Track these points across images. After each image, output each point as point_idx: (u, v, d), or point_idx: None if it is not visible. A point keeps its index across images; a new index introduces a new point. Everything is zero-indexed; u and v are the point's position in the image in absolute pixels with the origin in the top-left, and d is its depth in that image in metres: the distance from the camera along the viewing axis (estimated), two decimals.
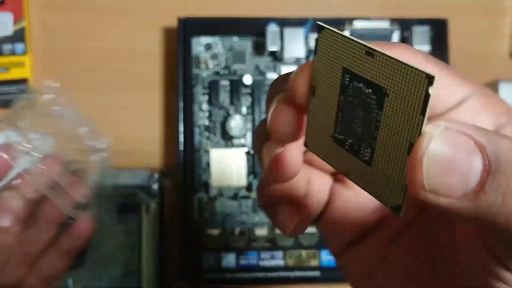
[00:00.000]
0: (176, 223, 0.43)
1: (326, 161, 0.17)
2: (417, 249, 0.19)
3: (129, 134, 0.46)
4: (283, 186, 0.20)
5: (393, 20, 0.43)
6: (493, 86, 0.43)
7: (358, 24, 0.42)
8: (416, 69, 0.13)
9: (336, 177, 0.21)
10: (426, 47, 0.43)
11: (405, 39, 0.44)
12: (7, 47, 0.45)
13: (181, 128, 0.43)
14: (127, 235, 0.42)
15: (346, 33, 0.41)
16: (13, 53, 0.45)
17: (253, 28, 0.44)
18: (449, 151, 0.13)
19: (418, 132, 0.14)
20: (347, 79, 0.15)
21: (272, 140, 0.18)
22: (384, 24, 0.42)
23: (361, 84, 0.15)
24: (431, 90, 0.13)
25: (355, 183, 0.16)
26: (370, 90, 0.14)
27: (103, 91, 0.46)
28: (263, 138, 0.19)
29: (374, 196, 0.15)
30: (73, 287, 0.43)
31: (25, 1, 0.45)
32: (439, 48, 0.44)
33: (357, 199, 0.20)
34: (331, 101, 0.16)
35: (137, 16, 0.47)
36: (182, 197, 0.43)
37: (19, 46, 0.45)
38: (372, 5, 0.47)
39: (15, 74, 0.45)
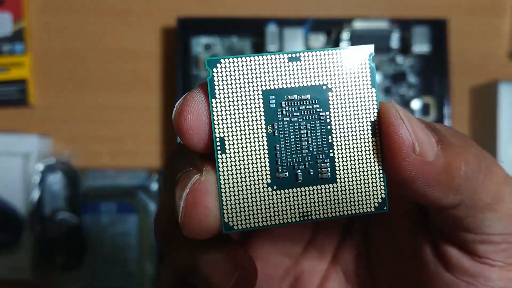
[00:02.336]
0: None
1: (269, 226, 0.14)
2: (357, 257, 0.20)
3: (128, 134, 0.46)
4: None
5: (393, 20, 0.43)
6: (492, 87, 0.43)
7: (357, 24, 0.42)
8: (352, 48, 0.13)
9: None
10: (426, 47, 0.43)
11: (405, 39, 0.44)
12: (6, 47, 0.45)
13: None
14: (126, 236, 0.42)
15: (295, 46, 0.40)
16: (12, 53, 0.45)
17: (252, 28, 0.44)
18: (415, 118, 0.14)
19: (375, 106, 0.14)
20: (272, 101, 0.14)
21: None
22: (384, 24, 0.42)
23: (295, 96, 0.14)
24: (372, 61, 0.13)
25: (319, 220, 0.14)
26: (308, 96, 0.14)
27: (102, 91, 0.46)
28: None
29: (350, 214, 0.14)
30: (73, 287, 0.43)
31: (25, 1, 0.45)
32: (439, 48, 0.44)
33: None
34: (256, 141, 0.14)
35: (137, 16, 0.47)
36: None
37: (18, 46, 0.45)
38: (372, 5, 0.47)
39: (14, 74, 0.45)
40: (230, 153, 0.14)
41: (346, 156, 0.14)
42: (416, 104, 0.44)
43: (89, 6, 0.47)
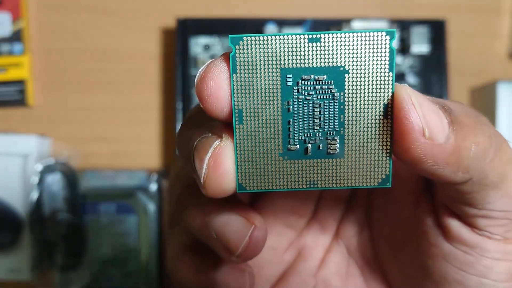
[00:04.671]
0: None
1: (278, 190, 0.15)
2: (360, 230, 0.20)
3: (128, 134, 0.46)
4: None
5: (392, 21, 0.43)
6: (491, 87, 0.43)
7: (357, 25, 0.42)
8: (373, 31, 0.14)
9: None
10: (425, 48, 0.43)
11: (404, 40, 0.44)
12: (5, 47, 0.45)
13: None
14: (125, 236, 0.42)
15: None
16: (11, 53, 0.45)
17: (251, 29, 0.44)
18: (428, 99, 0.14)
19: (390, 90, 0.14)
20: (290, 79, 0.14)
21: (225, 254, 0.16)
22: (383, 25, 0.42)
23: (312, 75, 0.14)
24: (394, 44, 0.14)
25: (324, 189, 0.15)
26: (324, 77, 0.14)
27: (101, 92, 0.46)
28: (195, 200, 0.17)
29: (353, 187, 0.15)
30: (72, 287, 0.43)
31: (23, 1, 0.45)
32: (438, 48, 0.44)
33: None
34: (271, 115, 0.14)
35: (136, 17, 0.47)
36: None
37: (17, 47, 0.45)
38: (371, 5, 0.47)
39: (13, 74, 0.45)
40: (246, 123, 0.14)
41: (356, 135, 0.14)
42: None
43: (89, 6, 0.47)
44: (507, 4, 0.47)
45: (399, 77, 0.44)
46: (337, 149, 0.15)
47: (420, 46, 0.43)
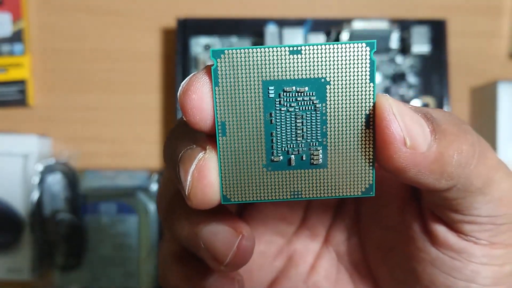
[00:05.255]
0: None
1: (262, 200, 0.15)
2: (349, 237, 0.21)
3: (128, 134, 0.46)
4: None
5: (392, 21, 0.43)
6: (491, 87, 0.43)
7: (357, 25, 0.42)
8: (353, 42, 0.14)
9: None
10: (425, 48, 0.43)
11: (404, 40, 0.44)
12: (5, 47, 0.45)
13: None
14: (126, 236, 0.42)
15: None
16: (11, 53, 0.45)
17: (251, 29, 0.44)
18: (410, 108, 0.14)
19: (371, 101, 0.14)
20: (271, 91, 0.14)
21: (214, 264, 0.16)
22: (383, 25, 0.42)
23: (294, 87, 0.14)
24: (373, 55, 0.14)
25: (309, 199, 0.16)
26: (306, 88, 0.14)
27: (101, 92, 0.46)
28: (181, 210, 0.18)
29: (337, 196, 0.15)
30: (72, 287, 0.43)
31: (24, 2, 0.45)
32: (438, 48, 0.44)
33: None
34: (254, 127, 0.14)
35: (136, 17, 0.47)
36: None
37: (17, 47, 0.45)
38: (371, 5, 0.47)
39: (13, 74, 0.45)
40: (229, 135, 0.15)
41: (339, 145, 0.15)
42: (415, 104, 0.44)
43: (89, 6, 0.47)
44: (507, 4, 0.47)
45: (400, 77, 0.44)
46: (320, 159, 0.15)
47: (421, 46, 0.43)
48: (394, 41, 0.43)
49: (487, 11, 0.47)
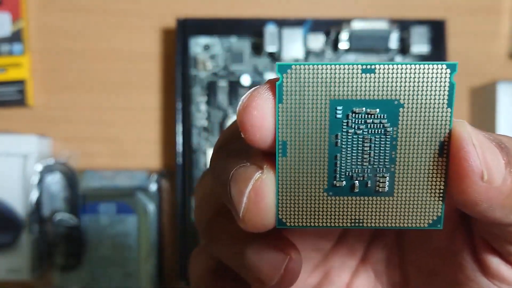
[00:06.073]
0: (175, 224, 0.43)
1: (320, 227, 0.14)
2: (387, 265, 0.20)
3: (127, 135, 0.46)
4: None
5: (392, 21, 0.43)
6: (491, 87, 0.43)
7: (356, 25, 0.42)
8: (433, 63, 0.13)
9: None
10: (425, 48, 0.43)
11: (404, 40, 0.44)
12: (5, 47, 0.45)
13: (179, 129, 0.43)
14: (125, 236, 0.42)
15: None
16: (11, 53, 0.45)
17: (251, 29, 0.44)
18: (487, 138, 0.13)
19: (447, 127, 0.13)
20: (339, 111, 0.13)
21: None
22: (383, 25, 0.42)
23: (364, 108, 0.13)
24: (454, 78, 0.13)
25: (371, 228, 0.14)
26: (377, 110, 0.13)
27: (100, 92, 0.46)
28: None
29: (401, 227, 0.14)
30: (72, 287, 0.43)
31: (23, 1, 0.45)
32: (438, 49, 0.44)
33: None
34: (317, 148, 0.14)
35: (136, 17, 0.47)
36: (180, 198, 0.43)
37: (17, 47, 0.45)
38: (371, 5, 0.47)
39: (13, 74, 0.45)
40: (290, 156, 0.14)
41: (408, 173, 0.14)
42: None
43: (88, 6, 0.47)
44: (507, 4, 0.47)
45: None
46: (387, 187, 0.14)
47: (420, 46, 0.43)
48: (394, 41, 0.43)
49: (487, 11, 0.47)
